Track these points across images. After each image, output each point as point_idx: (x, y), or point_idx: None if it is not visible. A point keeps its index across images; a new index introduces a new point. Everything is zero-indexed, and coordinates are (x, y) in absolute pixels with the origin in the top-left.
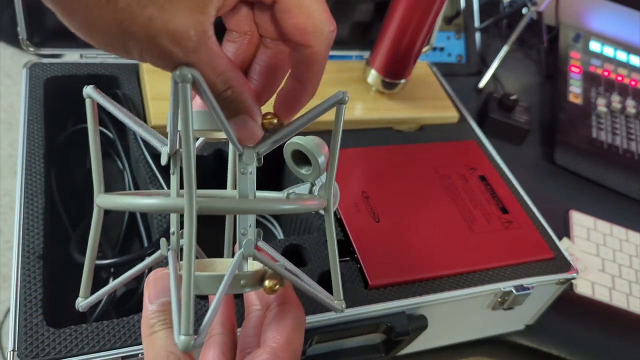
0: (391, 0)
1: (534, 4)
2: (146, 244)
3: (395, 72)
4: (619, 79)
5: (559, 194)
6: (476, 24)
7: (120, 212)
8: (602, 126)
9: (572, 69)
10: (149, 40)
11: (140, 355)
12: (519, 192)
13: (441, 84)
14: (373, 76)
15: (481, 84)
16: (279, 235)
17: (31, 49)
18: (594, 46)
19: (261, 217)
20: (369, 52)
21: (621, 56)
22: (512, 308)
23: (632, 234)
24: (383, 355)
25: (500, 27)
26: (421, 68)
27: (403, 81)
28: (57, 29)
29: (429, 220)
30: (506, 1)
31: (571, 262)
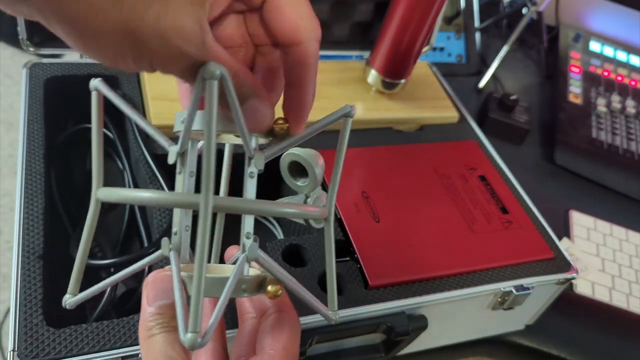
0: (391, 0)
1: (534, 4)
2: (146, 244)
3: (395, 72)
4: (619, 79)
5: (559, 194)
6: (476, 24)
7: (121, 212)
8: (602, 126)
9: (572, 69)
10: (159, 40)
11: (140, 356)
12: (519, 192)
13: (441, 84)
14: (373, 76)
15: (481, 84)
16: (279, 235)
17: (31, 49)
18: (594, 46)
19: (262, 217)
20: (369, 52)
21: (621, 56)
22: (512, 308)
23: (632, 234)
24: (383, 355)
25: (500, 27)
26: (421, 68)
27: (403, 81)
28: None
29: (429, 220)
30: (506, 1)
31: (571, 262)
